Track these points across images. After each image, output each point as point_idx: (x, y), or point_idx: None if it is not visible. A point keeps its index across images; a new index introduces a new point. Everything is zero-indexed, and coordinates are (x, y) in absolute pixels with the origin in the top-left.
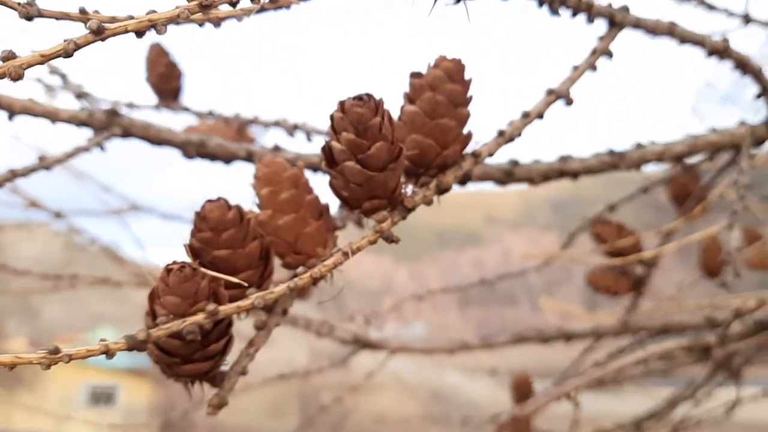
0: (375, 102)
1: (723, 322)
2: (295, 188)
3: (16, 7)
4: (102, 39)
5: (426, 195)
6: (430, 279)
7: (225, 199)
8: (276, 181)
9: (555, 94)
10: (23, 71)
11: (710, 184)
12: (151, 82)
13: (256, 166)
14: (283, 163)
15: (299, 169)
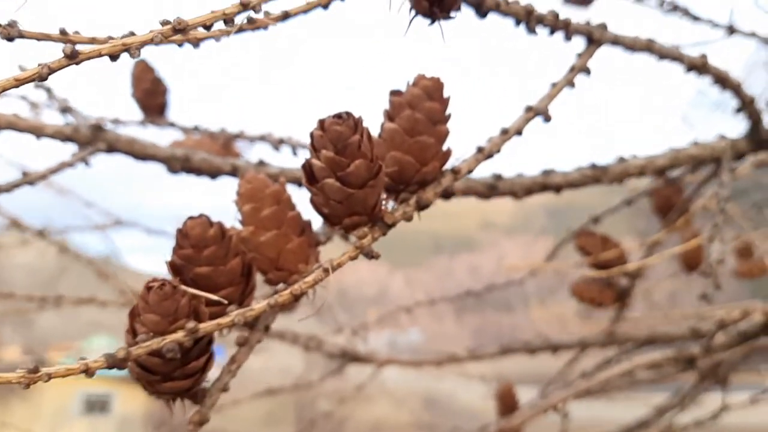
0: (354, 120)
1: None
2: (277, 204)
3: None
4: (76, 63)
5: (406, 211)
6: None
7: (206, 216)
8: (258, 198)
9: (534, 111)
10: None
11: (693, 195)
12: (137, 98)
13: (239, 182)
14: (266, 180)
15: (281, 186)
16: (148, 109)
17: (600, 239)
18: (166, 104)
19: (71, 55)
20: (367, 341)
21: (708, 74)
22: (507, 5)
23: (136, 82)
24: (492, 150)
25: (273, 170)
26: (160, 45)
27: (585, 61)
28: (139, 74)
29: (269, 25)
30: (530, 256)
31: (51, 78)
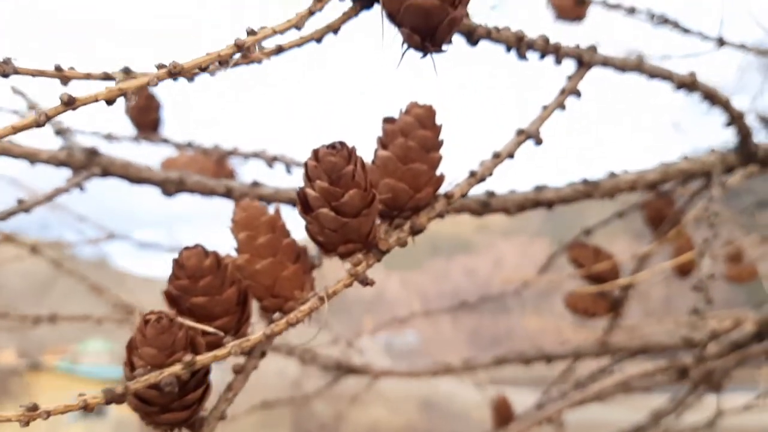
0: (348, 150)
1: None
2: (272, 232)
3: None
4: (73, 109)
5: (400, 237)
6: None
7: (202, 246)
8: (253, 226)
9: (525, 134)
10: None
11: (684, 207)
12: (130, 115)
13: (234, 209)
14: (261, 207)
15: (276, 213)
16: (142, 125)
17: (593, 251)
18: (159, 120)
19: (68, 102)
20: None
21: (697, 91)
22: (498, 33)
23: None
24: (484, 174)
25: (267, 191)
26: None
27: (575, 83)
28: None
29: (263, 59)
30: (526, 257)
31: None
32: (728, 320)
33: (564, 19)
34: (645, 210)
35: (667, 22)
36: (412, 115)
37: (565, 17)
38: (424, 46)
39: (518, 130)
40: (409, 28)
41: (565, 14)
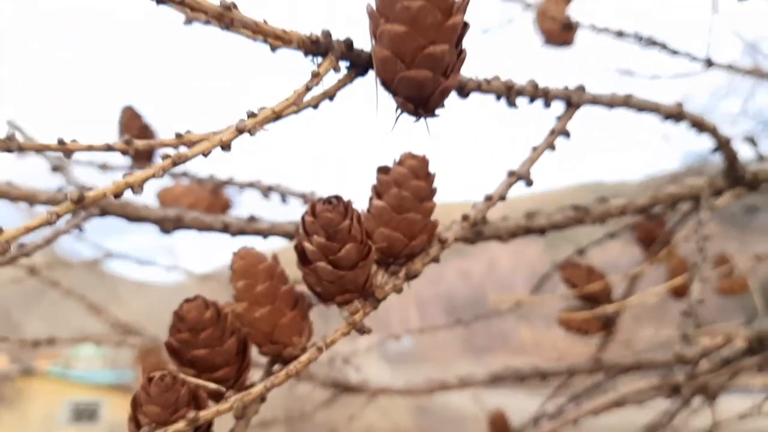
0: (344, 205)
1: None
2: (270, 280)
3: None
4: (83, 207)
5: (396, 284)
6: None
7: (203, 298)
8: (251, 274)
9: (516, 176)
10: (10, 246)
11: (675, 228)
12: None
13: (232, 257)
14: (259, 255)
15: (274, 260)
16: (137, 155)
17: (585, 271)
18: (153, 150)
19: (78, 199)
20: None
21: (684, 120)
22: (488, 84)
23: (124, 129)
24: (477, 217)
25: (263, 226)
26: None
27: (564, 123)
28: (127, 121)
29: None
30: (521, 260)
31: (38, 119)
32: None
33: (552, 44)
34: (636, 231)
35: (655, 44)
36: (406, 166)
37: (553, 42)
38: (417, 113)
39: (509, 171)
40: (403, 97)
41: (553, 39)
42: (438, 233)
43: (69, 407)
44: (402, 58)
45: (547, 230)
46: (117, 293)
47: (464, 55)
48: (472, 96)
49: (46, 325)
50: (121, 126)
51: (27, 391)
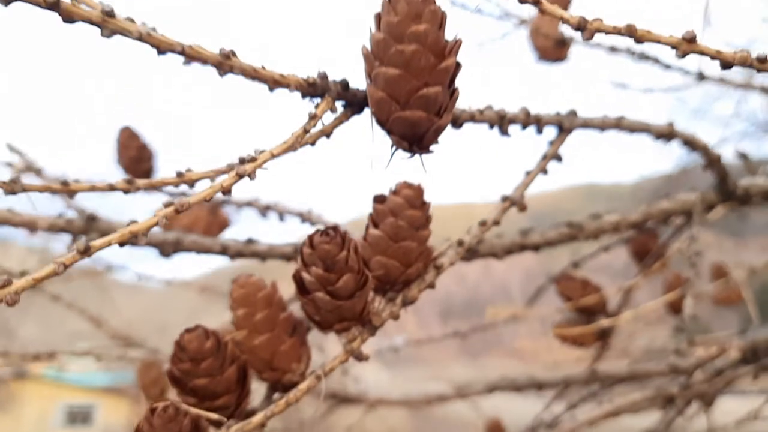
0: (341, 236)
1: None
2: (269, 308)
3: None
4: (89, 256)
5: (393, 311)
6: None
7: (203, 328)
8: (251, 302)
9: (509, 201)
10: (18, 297)
11: (668, 241)
12: (123, 165)
13: (232, 286)
14: (258, 283)
15: (273, 288)
16: (135, 175)
17: (580, 284)
18: (152, 169)
19: (84, 250)
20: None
21: (676, 139)
22: (481, 114)
23: (122, 150)
24: (471, 242)
25: (261, 248)
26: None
27: (556, 148)
28: (125, 141)
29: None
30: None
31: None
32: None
33: (546, 60)
34: (630, 244)
35: (648, 58)
36: (402, 196)
37: (547, 58)
38: (412, 150)
39: (503, 197)
40: (398, 135)
41: (546, 55)
42: (434, 260)
43: (63, 410)
44: (396, 99)
45: (542, 247)
46: (110, 297)
47: (457, 94)
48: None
49: (39, 327)
50: (119, 146)
51: (20, 394)
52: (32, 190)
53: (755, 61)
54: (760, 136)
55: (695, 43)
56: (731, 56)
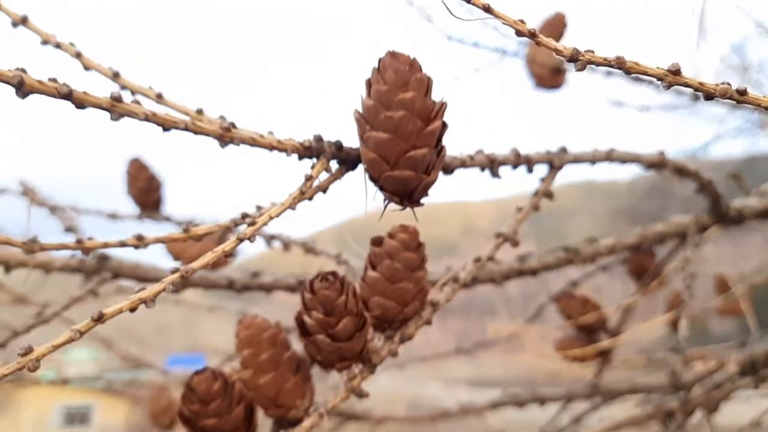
0: (340, 281)
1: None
2: (274, 347)
3: (19, 244)
4: (102, 322)
5: (391, 348)
6: None
7: (212, 370)
8: (256, 343)
9: (503, 237)
10: (39, 364)
11: (665, 259)
12: (132, 195)
13: (237, 326)
14: (262, 324)
15: (277, 328)
16: (144, 205)
17: (580, 302)
18: (161, 199)
19: (98, 318)
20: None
21: (667, 168)
22: (471, 160)
23: (132, 181)
24: (467, 279)
25: (266, 280)
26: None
27: (548, 185)
28: (134, 173)
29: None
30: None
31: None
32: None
33: (542, 88)
34: (628, 264)
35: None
36: (397, 240)
37: (544, 86)
38: (403, 204)
39: (496, 233)
40: (389, 191)
41: (543, 83)
42: (430, 298)
43: (61, 411)
44: (387, 160)
45: (539, 272)
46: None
47: (444, 153)
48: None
49: (37, 328)
50: (129, 177)
51: (18, 396)
52: (49, 249)
53: (735, 93)
54: (755, 133)
55: (680, 75)
56: (713, 88)
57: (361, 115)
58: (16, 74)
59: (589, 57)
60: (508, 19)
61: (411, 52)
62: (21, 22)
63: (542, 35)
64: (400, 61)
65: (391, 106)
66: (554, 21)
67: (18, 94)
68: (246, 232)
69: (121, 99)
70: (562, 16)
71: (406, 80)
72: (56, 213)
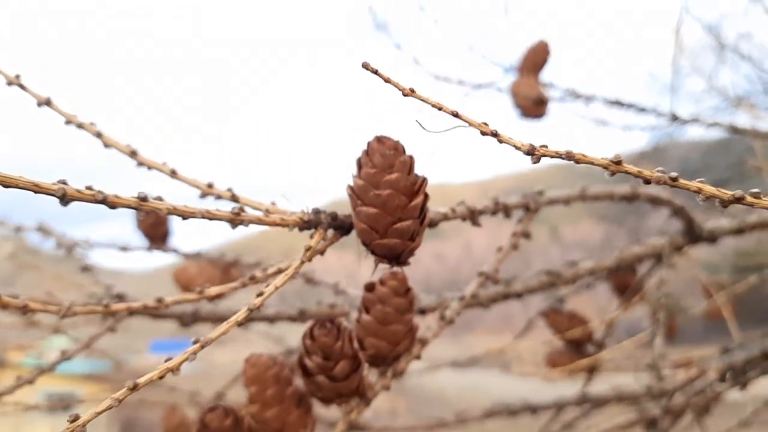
0: (337, 328)
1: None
2: (278, 384)
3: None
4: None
5: (384, 383)
6: None
7: (223, 407)
8: (262, 380)
9: (484, 275)
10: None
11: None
12: (142, 229)
13: (244, 366)
14: (267, 362)
15: (281, 366)
16: (153, 238)
17: (567, 317)
18: (168, 232)
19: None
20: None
21: (639, 199)
22: (454, 213)
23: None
24: (452, 316)
25: (270, 312)
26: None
27: (525, 225)
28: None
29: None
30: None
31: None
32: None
33: (527, 118)
34: (611, 280)
35: (623, 105)
36: (388, 287)
37: (528, 115)
38: (392, 264)
39: (479, 272)
40: (379, 255)
41: (527, 113)
42: (418, 336)
43: (43, 398)
44: (376, 231)
45: (523, 294)
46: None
47: (426, 221)
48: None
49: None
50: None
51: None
52: (79, 313)
53: (668, 179)
54: (732, 112)
55: (621, 165)
56: (650, 174)
57: (353, 191)
58: (60, 187)
59: (543, 151)
60: (473, 122)
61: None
62: (45, 103)
63: (527, 63)
64: (386, 145)
65: (379, 186)
66: (537, 49)
67: (61, 203)
68: (256, 302)
69: (147, 198)
70: (545, 44)
71: (391, 163)
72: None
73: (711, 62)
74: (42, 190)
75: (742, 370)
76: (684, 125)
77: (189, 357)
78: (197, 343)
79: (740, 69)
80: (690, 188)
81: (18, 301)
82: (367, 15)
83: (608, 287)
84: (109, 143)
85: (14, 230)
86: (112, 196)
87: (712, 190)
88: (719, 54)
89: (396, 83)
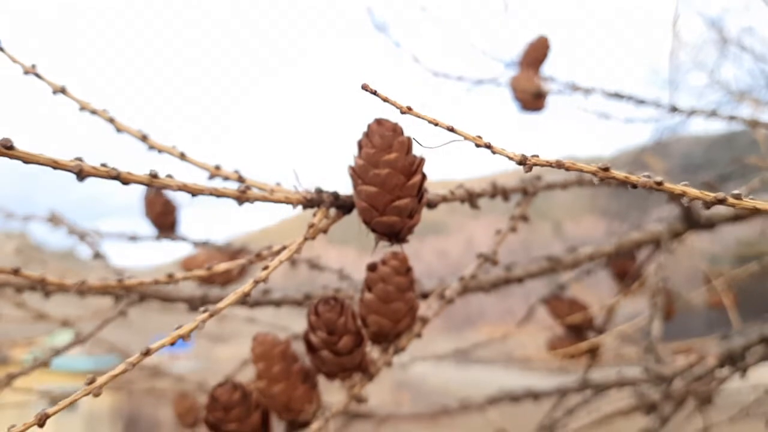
0: (341, 305)
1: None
2: (284, 360)
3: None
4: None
5: (386, 359)
6: None
7: (232, 381)
8: (269, 356)
9: (483, 257)
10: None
11: (646, 261)
12: (150, 218)
13: (252, 343)
14: (274, 340)
15: (287, 344)
16: (162, 227)
17: (568, 303)
18: (176, 221)
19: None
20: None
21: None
22: (453, 195)
23: (149, 206)
24: (452, 295)
25: (276, 296)
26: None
27: (524, 209)
28: (151, 199)
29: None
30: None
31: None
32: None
33: (526, 111)
34: (611, 266)
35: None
36: (389, 266)
37: (527, 109)
38: (391, 242)
39: (478, 254)
40: (379, 233)
41: (527, 106)
42: (419, 315)
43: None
44: (376, 209)
45: (524, 279)
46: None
47: (424, 199)
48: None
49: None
50: (146, 202)
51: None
52: (93, 288)
53: (654, 184)
54: (734, 106)
55: (609, 171)
56: (636, 179)
57: (354, 171)
58: (77, 164)
59: (534, 161)
60: (468, 136)
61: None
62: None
63: (527, 58)
64: (385, 127)
65: (378, 165)
66: (537, 45)
67: (78, 179)
68: (261, 275)
69: (158, 175)
70: (545, 39)
71: (390, 143)
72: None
73: (713, 57)
74: (60, 166)
75: (741, 355)
76: (684, 116)
77: (198, 326)
78: (206, 311)
79: (743, 63)
80: (675, 191)
81: (37, 275)
82: (366, 14)
83: (609, 277)
84: (121, 128)
85: (23, 219)
86: (126, 173)
87: (696, 193)
88: (721, 49)
89: (394, 102)
